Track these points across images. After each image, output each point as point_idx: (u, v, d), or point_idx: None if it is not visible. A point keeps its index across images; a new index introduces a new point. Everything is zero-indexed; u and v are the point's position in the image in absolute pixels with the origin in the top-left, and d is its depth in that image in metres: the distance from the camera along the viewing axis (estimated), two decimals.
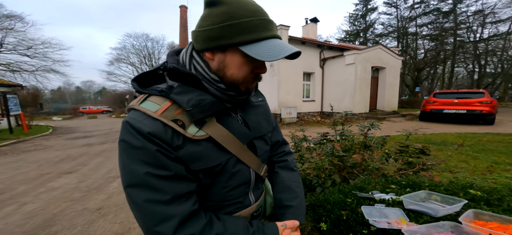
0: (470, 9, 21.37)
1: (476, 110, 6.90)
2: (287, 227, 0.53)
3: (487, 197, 0.79)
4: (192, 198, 0.45)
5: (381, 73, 10.79)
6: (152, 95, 0.46)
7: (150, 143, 0.40)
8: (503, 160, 2.75)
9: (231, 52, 0.44)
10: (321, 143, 2.04)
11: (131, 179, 0.41)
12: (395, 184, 1.14)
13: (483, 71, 24.34)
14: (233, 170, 0.50)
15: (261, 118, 0.60)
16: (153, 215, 0.41)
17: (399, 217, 0.76)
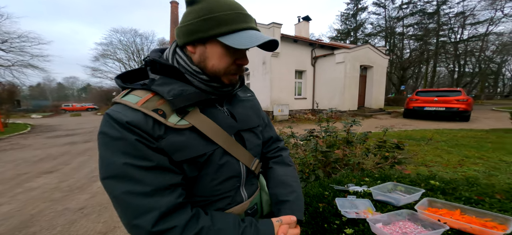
0: (452, 11, 22.55)
1: (453, 108, 7.37)
2: (283, 222, 0.51)
3: (444, 187, 0.88)
4: (177, 191, 0.44)
5: (369, 72, 11.15)
6: (135, 89, 0.46)
7: (129, 132, 0.40)
8: (473, 154, 2.99)
9: (211, 44, 0.46)
10: (307, 139, 2.11)
11: (109, 171, 0.40)
12: (369, 177, 1.22)
13: (462, 70, 25.90)
14: (220, 161, 0.49)
15: (249, 111, 0.60)
16: (131, 208, 0.39)
17: (367, 207, 0.82)
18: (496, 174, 2.23)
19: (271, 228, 0.49)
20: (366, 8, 28.38)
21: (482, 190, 0.84)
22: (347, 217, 0.77)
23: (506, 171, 2.30)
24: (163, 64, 0.48)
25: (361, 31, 29.49)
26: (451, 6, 22.29)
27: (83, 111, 26.18)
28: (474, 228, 0.56)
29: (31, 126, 10.10)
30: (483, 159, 2.75)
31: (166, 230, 0.40)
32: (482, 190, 0.84)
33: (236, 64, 0.48)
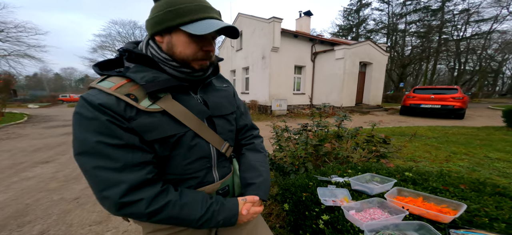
0: (457, 8, 22.25)
1: (449, 105, 7.45)
2: (247, 201, 0.59)
3: (415, 178, 0.95)
4: (147, 168, 0.48)
5: (368, 68, 11.12)
6: (111, 76, 0.51)
7: (101, 113, 0.44)
8: (460, 150, 3.08)
9: (176, 33, 0.50)
10: (300, 133, 2.17)
11: (81, 147, 0.44)
12: (353, 169, 1.29)
13: (463, 68, 25.90)
14: (191, 143, 0.54)
15: (223, 100, 0.64)
16: (101, 181, 0.44)
17: (344, 196, 0.89)
18: (479, 169, 2.32)
19: (236, 204, 0.57)
20: (370, 4, 27.94)
21: (450, 181, 0.91)
22: (325, 205, 0.84)
23: (489, 167, 2.39)
24: (137, 54, 0.53)
25: (363, 27, 29.16)
26: (456, 2, 21.97)
27: None
28: (430, 213, 0.63)
29: (28, 115, 10.07)
30: (469, 155, 2.85)
31: (133, 201, 0.45)
32: (450, 181, 0.91)
33: (203, 51, 0.52)
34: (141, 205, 0.45)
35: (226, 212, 0.54)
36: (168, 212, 0.48)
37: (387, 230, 0.60)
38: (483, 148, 3.15)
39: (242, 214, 0.56)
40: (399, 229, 0.59)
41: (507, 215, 0.58)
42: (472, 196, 0.76)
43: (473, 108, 11.04)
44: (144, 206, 0.45)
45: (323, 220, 0.76)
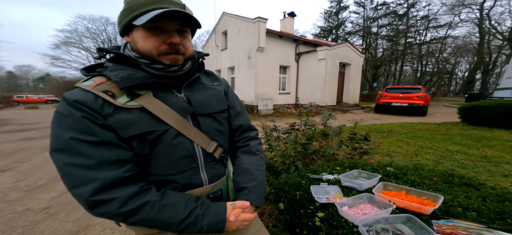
0: (419, 14, 25.01)
1: (414, 103, 8.33)
2: (236, 206, 0.55)
3: (396, 173, 1.04)
4: (126, 166, 0.46)
5: (347, 69, 11.83)
6: (94, 76, 0.52)
7: (76, 110, 0.44)
8: (426, 145, 3.48)
9: (135, 30, 0.52)
10: (289, 132, 2.23)
11: (55, 144, 0.44)
12: (340, 166, 1.37)
13: (424, 70, 29.22)
14: (173, 141, 0.52)
15: (210, 98, 0.62)
16: (72, 178, 0.43)
17: (336, 193, 0.94)
18: (442, 161, 2.65)
19: (223, 209, 0.54)
20: (348, 7, 29.75)
21: (425, 174, 1.02)
22: (320, 202, 0.87)
23: (450, 159, 2.75)
24: (117, 54, 0.54)
25: (342, 29, 30.95)
26: (418, 9, 24.68)
27: (41, 104, 22.98)
28: (413, 205, 0.70)
29: None
30: (434, 149, 3.24)
31: (105, 200, 0.43)
32: (424, 174, 1.02)
33: (166, 44, 0.51)
34: (113, 205, 0.44)
35: (211, 216, 0.51)
36: (145, 214, 0.46)
37: (378, 224, 0.65)
38: (444, 142, 3.60)
39: (230, 220, 0.53)
40: (389, 223, 0.64)
41: (476, 204, 0.68)
42: (444, 187, 0.86)
43: (433, 106, 12.49)
44: (117, 205, 0.44)
45: (319, 217, 0.79)
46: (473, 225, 0.56)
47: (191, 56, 0.59)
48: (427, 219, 0.63)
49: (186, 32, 0.56)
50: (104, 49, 0.55)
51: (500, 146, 3.21)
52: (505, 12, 21.55)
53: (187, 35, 0.57)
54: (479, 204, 0.68)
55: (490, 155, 2.82)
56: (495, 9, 21.67)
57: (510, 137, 3.76)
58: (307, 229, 0.81)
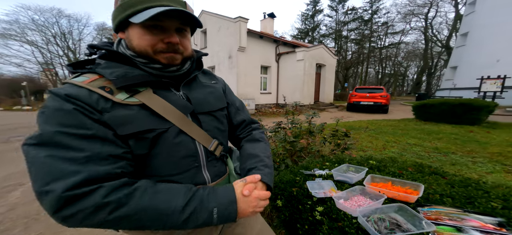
0: (380, 20, 28.22)
1: (378, 102, 9.40)
2: (248, 181, 0.51)
3: (378, 165, 1.17)
4: (119, 162, 0.42)
5: (322, 70, 12.61)
6: (84, 73, 0.48)
7: (67, 102, 0.41)
8: (391, 139, 3.98)
9: (130, 27, 0.49)
10: (276, 131, 2.28)
11: (37, 138, 0.38)
12: (329, 162, 1.47)
13: (384, 72, 33.18)
14: (175, 140, 0.50)
15: (208, 96, 0.61)
16: (49, 171, 0.36)
17: (331, 187, 1.00)
18: (405, 153, 3.07)
19: (231, 189, 0.48)
20: (322, 11, 31.52)
21: (400, 166, 1.17)
22: (317, 197, 0.91)
23: (410, 151, 3.20)
24: (109, 51, 0.51)
25: (317, 31, 32.74)
26: (380, 15, 27.82)
27: None
28: (400, 195, 0.80)
29: None
30: (397, 143, 3.72)
31: (84, 193, 0.36)
32: (400, 166, 1.17)
33: (164, 43, 0.50)
34: (97, 194, 0.37)
35: (219, 197, 0.46)
36: (136, 203, 0.39)
37: (375, 214, 0.72)
38: (404, 136, 4.17)
39: (243, 194, 0.47)
40: (383, 212, 0.72)
41: (448, 191, 0.81)
42: (418, 176, 1.00)
43: (392, 105, 14.29)
44: (102, 194, 0.37)
45: (319, 212, 0.84)
46: (452, 210, 0.66)
47: (190, 55, 0.58)
48: (414, 207, 0.72)
49: (185, 31, 0.54)
50: (95, 46, 0.52)
51: (446, 138, 3.88)
52: (443, 22, 26.00)
53: (187, 34, 0.55)
54: (450, 190, 0.81)
55: (440, 146, 3.39)
56: (436, 19, 26.00)
57: (453, 130, 4.56)
58: (309, 224, 0.84)
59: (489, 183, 0.87)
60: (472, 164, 2.55)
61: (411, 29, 27.68)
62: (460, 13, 19.92)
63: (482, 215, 0.62)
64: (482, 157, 2.81)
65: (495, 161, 2.65)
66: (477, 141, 3.65)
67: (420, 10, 25.69)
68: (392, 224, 0.66)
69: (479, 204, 0.69)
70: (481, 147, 3.30)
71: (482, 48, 12.47)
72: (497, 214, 0.63)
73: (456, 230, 0.57)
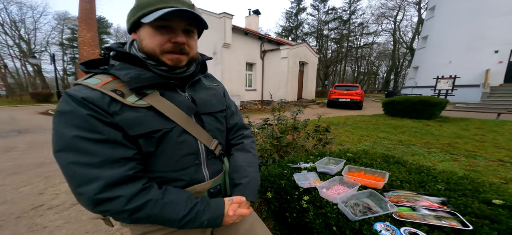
0: (357, 21, 30.07)
1: (354, 99, 10.17)
2: (234, 202, 0.58)
3: (354, 157, 1.34)
4: (129, 164, 0.47)
5: (305, 68, 13.05)
6: (97, 74, 0.51)
7: (82, 107, 0.44)
8: (364, 134, 4.40)
9: (142, 27, 0.52)
10: (263, 127, 2.37)
11: (59, 143, 0.43)
12: (312, 155, 1.60)
13: (359, 70, 35.71)
14: (179, 139, 0.54)
15: (212, 98, 0.66)
16: (76, 177, 0.43)
17: (315, 178, 1.12)
18: (376, 147, 3.45)
19: (222, 205, 0.57)
20: (305, 9, 32.22)
21: (371, 157, 1.35)
22: (303, 187, 1.01)
23: (380, 144, 3.61)
24: (122, 52, 0.54)
25: (301, 30, 33.46)
26: (357, 16, 29.62)
27: None
28: (371, 182, 0.95)
29: None
30: (369, 137, 4.14)
31: (110, 198, 0.44)
32: (371, 157, 1.35)
33: (171, 43, 0.52)
34: (119, 202, 0.44)
35: (211, 212, 0.54)
36: (149, 211, 0.47)
37: (351, 200, 0.85)
38: (375, 131, 4.64)
39: (228, 215, 0.56)
40: (358, 198, 0.86)
41: (406, 177, 0.98)
42: (385, 166, 1.18)
43: (366, 102, 15.54)
44: (123, 203, 0.45)
45: (305, 201, 0.95)
46: (409, 193, 0.82)
47: (195, 57, 0.61)
48: (381, 192, 0.88)
49: (192, 32, 0.57)
50: (110, 48, 0.55)
51: (408, 132, 4.44)
52: (408, 25, 28.86)
53: (193, 35, 0.58)
54: (408, 176, 0.99)
55: (403, 139, 3.88)
56: (403, 22, 28.79)
57: (414, 124, 5.22)
58: (297, 212, 0.95)
59: (437, 169, 1.08)
60: (427, 154, 3.00)
61: (382, 31, 30.21)
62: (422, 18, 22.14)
63: (430, 196, 0.79)
64: (435, 148, 3.31)
65: (445, 151, 3.15)
66: (432, 133, 4.26)
67: (391, 13, 28.08)
68: (365, 207, 0.80)
69: (429, 187, 0.87)
70: (435, 138, 3.87)
71: (439, 50, 14.13)
72: (441, 194, 0.80)
73: (411, 209, 0.73)
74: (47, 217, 1.75)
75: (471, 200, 0.72)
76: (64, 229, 1.60)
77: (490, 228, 0.58)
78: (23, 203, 1.95)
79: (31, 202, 1.98)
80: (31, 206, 1.90)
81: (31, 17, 22.18)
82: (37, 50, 23.64)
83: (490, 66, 11.12)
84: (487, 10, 11.89)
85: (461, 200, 0.73)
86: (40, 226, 1.63)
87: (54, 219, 1.72)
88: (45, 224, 1.66)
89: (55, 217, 1.75)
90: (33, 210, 1.84)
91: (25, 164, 2.93)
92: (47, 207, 1.89)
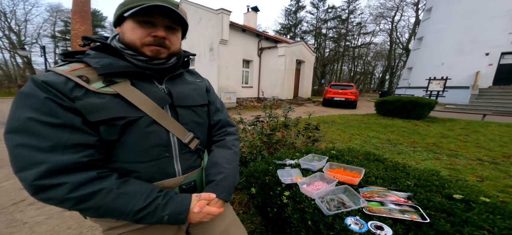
0: (355, 20, 30.20)
1: (348, 98, 10.30)
2: (202, 198, 0.56)
3: (337, 154, 1.39)
4: (85, 151, 0.45)
5: (302, 66, 13.08)
6: (71, 62, 0.52)
7: (41, 90, 0.43)
8: (356, 132, 4.49)
9: (125, 21, 0.54)
10: (254, 124, 2.40)
11: (11, 124, 0.42)
12: (299, 153, 1.64)
13: (355, 70, 36.02)
14: (147, 129, 0.53)
15: (191, 92, 0.65)
16: (19, 159, 0.41)
17: (297, 174, 1.16)
18: (365, 145, 3.54)
19: (187, 200, 0.53)
20: (305, 7, 32.09)
21: (354, 154, 1.40)
22: (285, 183, 1.05)
23: (369, 143, 3.70)
24: (101, 42, 0.55)
25: (299, 28, 33.33)
26: (355, 16, 29.74)
27: None
28: (348, 178, 0.99)
29: None
30: (360, 135, 4.23)
31: (52, 185, 0.41)
32: (354, 154, 1.40)
33: (151, 36, 0.54)
34: (62, 190, 0.41)
35: (173, 207, 0.51)
36: (98, 201, 0.44)
37: (328, 195, 0.89)
38: (366, 130, 4.74)
39: (193, 211, 0.52)
40: (334, 193, 0.90)
41: (382, 174, 1.03)
42: (365, 163, 1.24)
43: (360, 101, 15.75)
44: (66, 190, 0.42)
45: (286, 196, 0.98)
46: (380, 189, 0.87)
47: (176, 52, 0.61)
48: (356, 188, 0.92)
49: (175, 29, 0.58)
50: (89, 38, 0.55)
51: (397, 131, 4.55)
52: (405, 26, 29.19)
53: (176, 32, 0.59)
54: (384, 173, 1.04)
55: (391, 138, 3.98)
56: (400, 22, 29.10)
57: (403, 124, 5.35)
58: (277, 207, 0.99)
59: (411, 167, 1.14)
60: (413, 153, 3.10)
61: (380, 31, 30.48)
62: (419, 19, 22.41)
63: (399, 192, 0.84)
64: (421, 147, 3.42)
65: (429, 150, 3.26)
66: (419, 133, 4.39)
67: (388, 13, 28.33)
68: (339, 203, 0.84)
69: (400, 183, 0.92)
70: (421, 138, 3.99)
71: (432, 51, 14.37)
72: (410, 190, 0.85)
73: (380, 204, 0.77)
74: (27, 213, 1.71)
75: (435, 195, 0.78)
76: (45, 225, 1.56)
77: (446, 221, 0.63)
78: (3, 198, 1.89)
79: (12, 197, 1.92)
80: (11, 201, 1.85)
81: (22, 9, 21.51)
82: (27, 42, 22.94)
83: (480, 69, 11.42)
84: (480, 13, 12.13)
85: (426, 195, 0.78)
86: (20, 222, 1.58)
87: (35, 215, 1.68)
88: (25, 220, 1.62)
89: (36, 213, 1.71)
90: (13, 206, 1.79)
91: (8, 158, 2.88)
92: (29, 203, 1.83)
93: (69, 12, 20.87)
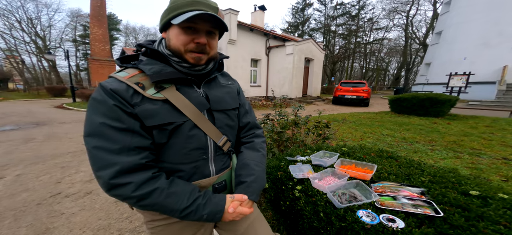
0: (367, 16, 29.04)
1: (360, 96, 9.98)
2: (235, 199, 0.59)
3: (348, 151, 1.39)
4: (143, 153, 0.51)
5: (311, 64, 12.87)
6: (128, 68, 0.58)
7: (110, 97, 0.50)
8: (368, 130, 4.37)
9: (171, 28, 0.58)
10: (264, 122, 2.44)
11: (88, 128, 0.49)
12: (310, 150, 1.67)
13: (367, 67, 34.68)
14: (190, 133, 0.57)
15: (225, 96, 0.68)
16: (97, 160, 0.48)
17: (308, 169, 1.19)
18: (378, 143, 3.44)
19: (223, 201, 0.58)
20: (312, 4, 31.39)
21: (365, 151, 1.40)
22: (297, 178, 1.08)
23: (383, 141, 3.60)
24: (151, 49, 0.60)
25: (307, 25, 32.67)
26: (366, 11, 28.58)
27: None
28: (359, 174, 1.00)
29: None
30: (373, 133, 4.12)
31: (122, 184, 0.48)
32: (365, 151, 1.40)
33: (194, 43, 0.57)
34: (128, 188, 0.48)
35: (211, 207, 0.56)
36: (154, 199, 0.50)
37: (339, 190, 0.92)
38: (379, 128, 4.59)
39: (228, 212, 0.57)
40: (346, 188, 0.92)
41: (395, 170, 1.03)
42: (377, 160, 1.23)
43: (373, 98, 15.19)
44: (131, 189, 0.48)
45: (298, 190, 1.02)
46: (393, 184, 0.88)
47: (214, 56, 0.64)
48: (368, 183, 0.94)
49: (214, 33, 0.61)
50: (141, 45, 0.62)
51: (414, 129, 4.36)
52: (422, 20, 27.54)
53: (215, 36, 0.62)
54: (397, 169, 1.04)
55: (407, 136, 3.83)
56: (416, 17, 27.47)
57: (420, 122, 5.11)
58: (290, 200, 1.02)
59: (427, 164, 1.12)
60: (431, 151, 2.97)
61: (394, 26, 29.07)
62: (437, 12, 21.12)
63: (412, 187, 0.84)
64: (440, 145, 3.26)
65: (449, 148, 3.11)
66: (438, 131, 4.17)
67: (403, 7, 26.91)
68: (351, 196, 0.86)
69: (414, 179, 0.92)
70: (441, 136, 3.80)
71: (453, 46, 13.48)
72: (424, 186, 0.85)
73: (393, 198, 0.78)
74: (64, 205, 1.89)
75: (450, 191, 0.77)
76: (78, 216, 1.74)
77: (460, 216, 0.63)
78: (43, 191, 2.12)
79: (49, 190, 2.15)
80: (49, 194, 2.07)
81: (46, 15, 23.30)
82: (51, 47, 24.69)
83: (507, 63, 10.54)
84: (507, 4, 11.19)
85: (441, 191, 0.78)
86: (58, 213, 1.77)
87: (70, 207, 1.86)
88: (62, 210, 1.80)
89: (71, 205, 1.89)
90: (51, 198, 1.99)
91: (43, 155, 3.17)
92: (64, 195, 2.05)
93: (87, 17, 22.12)
